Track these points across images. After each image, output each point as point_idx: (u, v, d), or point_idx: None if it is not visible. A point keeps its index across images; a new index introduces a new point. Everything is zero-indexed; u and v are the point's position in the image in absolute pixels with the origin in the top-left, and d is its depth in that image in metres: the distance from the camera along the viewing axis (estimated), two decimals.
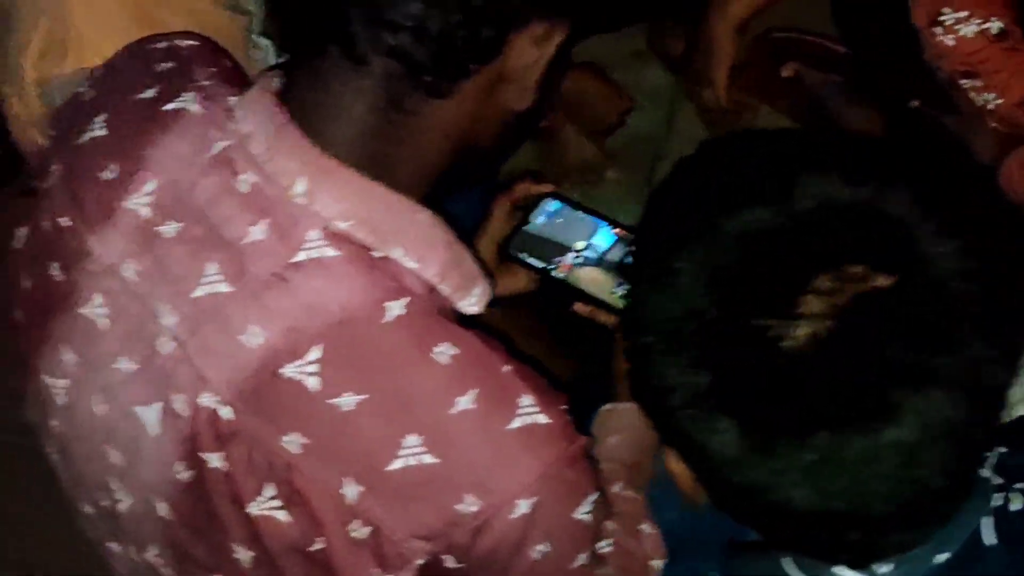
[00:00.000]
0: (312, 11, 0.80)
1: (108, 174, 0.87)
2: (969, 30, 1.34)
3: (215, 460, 0.82)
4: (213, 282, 0.81)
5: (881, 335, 0.69)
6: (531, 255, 1.16)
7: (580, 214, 1.19)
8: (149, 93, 0.90)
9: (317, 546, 0.81)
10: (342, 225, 0.79)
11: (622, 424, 1.09)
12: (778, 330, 0.69)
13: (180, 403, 0.82)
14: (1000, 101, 1.34)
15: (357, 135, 0.81)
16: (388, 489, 0.78)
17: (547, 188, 1.18)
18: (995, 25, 1.33)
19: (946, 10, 1.34)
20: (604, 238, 1.17)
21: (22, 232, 0.94)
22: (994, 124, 1.36)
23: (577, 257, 1.15)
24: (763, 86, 1.66)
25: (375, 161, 0.81)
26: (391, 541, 0.79)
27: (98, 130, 0.89)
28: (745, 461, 0.70)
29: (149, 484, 0.86)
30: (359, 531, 0.79)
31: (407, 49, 0.77)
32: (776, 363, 0.69)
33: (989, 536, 0.77)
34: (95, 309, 0.86)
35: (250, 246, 0.80)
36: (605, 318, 1.13)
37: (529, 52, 0.82)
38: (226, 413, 0.80)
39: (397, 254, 0.80)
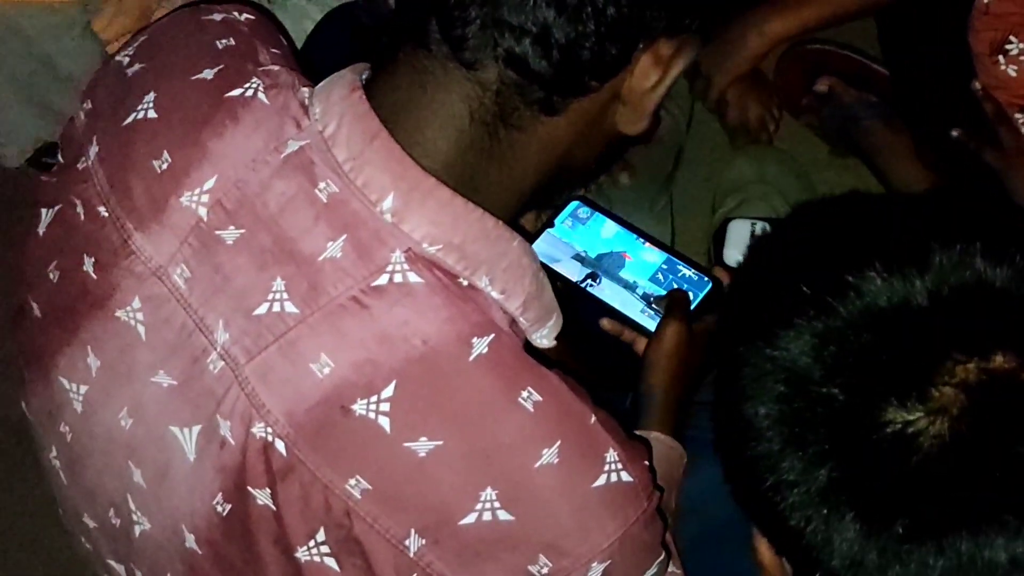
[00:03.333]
0: (425, 2, 0.71)
1: (161, 164, 0.76)
2: None
3: (263, 497, 0.73)
4: (280, 300, 0.72)
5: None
6: (555, 260, 1.12)
7: (607, 222, 1.17)
8: (208, 73, 0.78)
9: None
10: (431, 249, 0.72)
11: (654, 456, 1.02)
12: (912, 425, 0.61)
13: (228, 430, 0.74)
14: None
15: (455, 148, 0.73)
16: (456, 544, 0.71)
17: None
18: None
19: (1012, 39, 1.30)
20: (632, 249, 1.15)
21: (45, 215, 0.82)
22: None
23: (603, 268, 1.13)
24: (792, 98, 1.60)
25: (470, 178, 0.73)
26: None
27: (148, 111, 0.78)
28: (871, 565, 0.63)
29: (178, 512, 0.77)
30: None
31: (527, 58, 0.70)
32: (908, 460, 0.61)
33: None
34: (134, 314, 0.76)
35: (327, 263, 0.71)
36: (630, 336, 1.09)
37: (652, 73, 0.74)
38: (281, 446, 0.72)
39: (483, 283, 0.73)
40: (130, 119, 0.78)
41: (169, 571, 0.81)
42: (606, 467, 0.72)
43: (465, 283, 0.72)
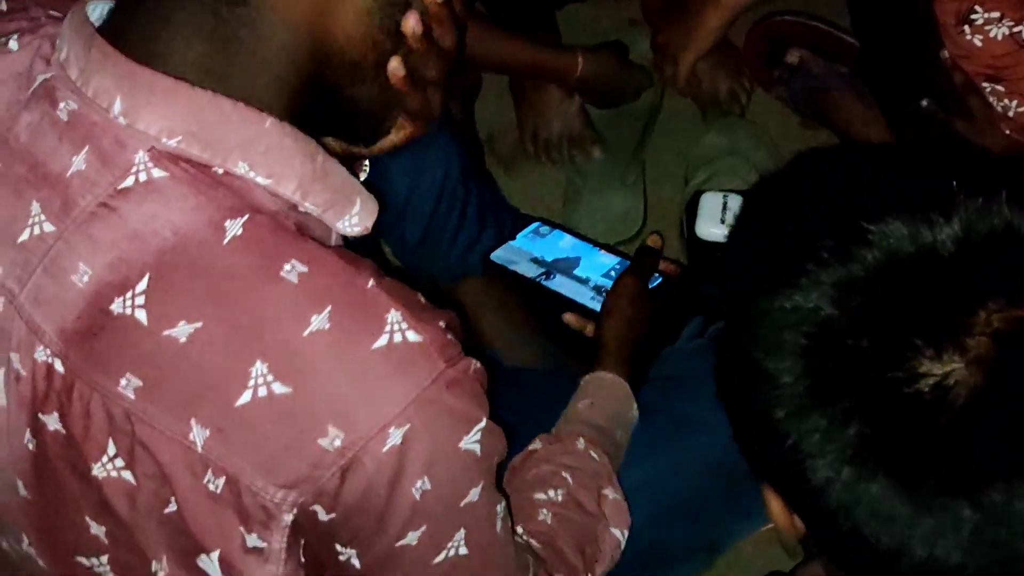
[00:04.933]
0: None
1: None
2: (999, 32, 1.30)
3: (53, 422, 0.73)
4: (39, 222, 0.72)
5: None
6: (513, 263, 1.20)
7: (566, 236, 1.24)
8: None
9: (171, 508, 0.72)
10: (171, 143, 0.71)
11: (599, 391, 1.07)
12: (950, 377, 0.60)
13: (18, 362, 0.74)
14: (1022, 109, 1.31)
15: (186, 41, 0.71)
16: (239, 428, 0.69)
17: None
18: None
19: (978, 9, 1.31)
20: (587, 255, 1.21)
21: None
22: (1009, 131, 1.33)
23: (557, 268, 1.20)
24: (762, 71, 1.60)
25: (213, 70, 0.71)
26: (250, 491, 0.70)
27: None
28: (901, 520, 0.61)
29: (7, 463, 0.77)
30: (214, 483, 0.71)
31: None
32: (945, 413, 0.60)
33: None
34: None
35: (74, 177, 0.72)
36: (592, 330, 1.14)
37: None
38: (59, 365, 0.72)
39: (242, 169, 0.71)
40: None
41: (22, 531, 0.80)
42: (387, 328, 0.69)
43: (220, 171, 0.71)
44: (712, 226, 1.44)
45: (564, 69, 1.50)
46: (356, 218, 0.75)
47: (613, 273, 1.18)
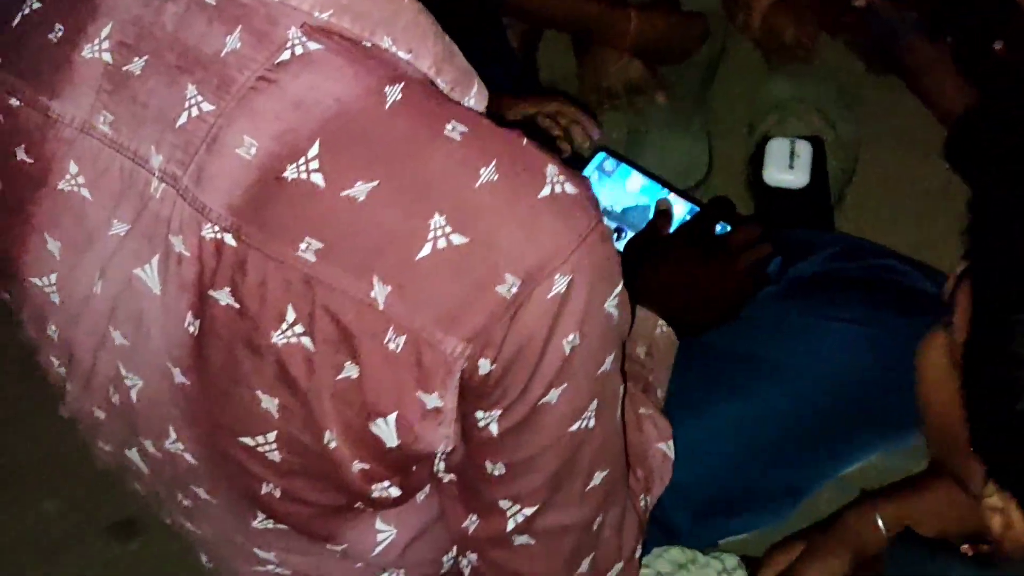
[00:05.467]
0: None
1: (56, 35, 0.79)
2: None
3: (224, 297, 0.74)
4: (197, 104, 0.74)
5: None
6: None
7: (633, 173, 1.21)
8: None
9: (348, 373, 0.73)
10: (323, 16, 0.74)
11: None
12: None
13: (181, 244, 0.75)
14: None
15: None
16: (420, 283, 0.71)
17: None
18: None
19: None
20: (654, 200, 1.19)
21: None
22: None
23: (628, 221, 1.19)
24: (830, 15, 1.58)
25: None
26: (429, 346, 0.71)
27: (33, 4, 0.82)
28: None
29: (160, 351, 0.78)
30: (395, 342, 0.72)
31: None
32: None
33: None
34: (74, 180, 0.78)
35: (229, 56, 0.74)
36: None
37: None
38: (230, 239, 0.73)
39: (387, 43, 0.75)
40: (18, 19, 0.81)
41: (169, 423, 0.82)
42: (548, 179, 0.72)
43: (368, 45, 0.74)
44: (780, 172, 1.43)
45: (618, 28, 1.50)
46: (474, 100, 0.78)
47: None
